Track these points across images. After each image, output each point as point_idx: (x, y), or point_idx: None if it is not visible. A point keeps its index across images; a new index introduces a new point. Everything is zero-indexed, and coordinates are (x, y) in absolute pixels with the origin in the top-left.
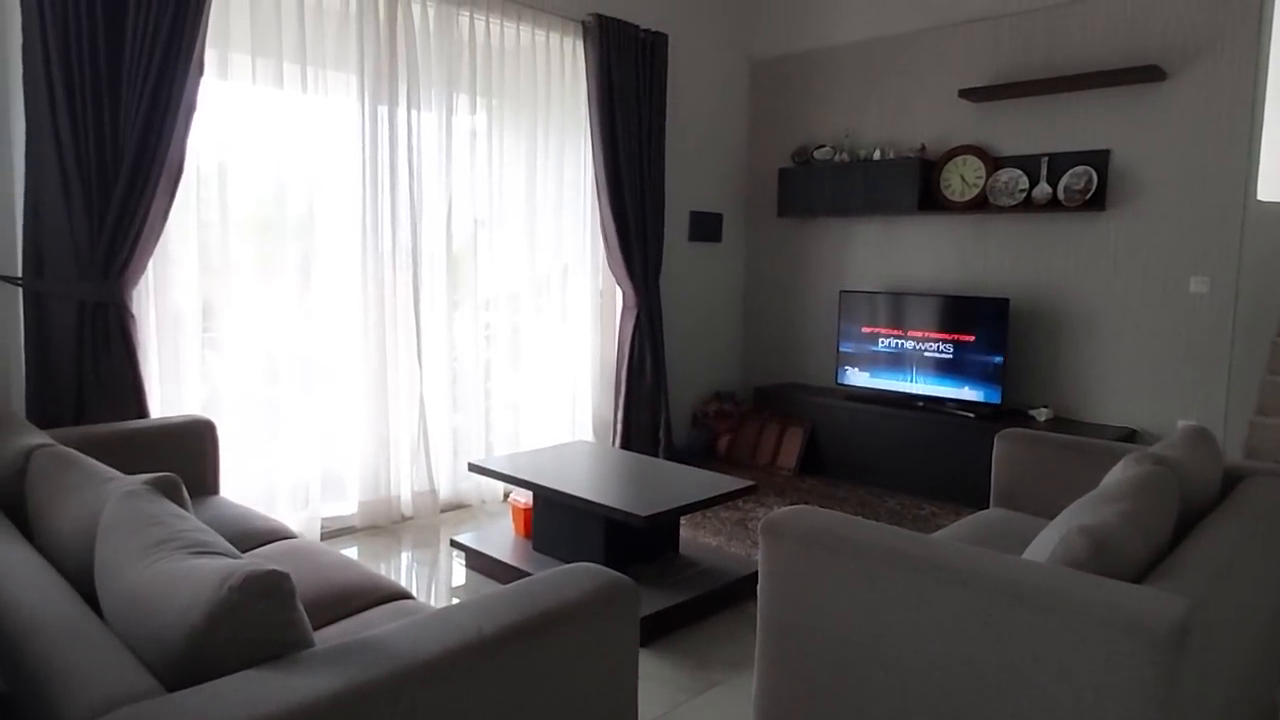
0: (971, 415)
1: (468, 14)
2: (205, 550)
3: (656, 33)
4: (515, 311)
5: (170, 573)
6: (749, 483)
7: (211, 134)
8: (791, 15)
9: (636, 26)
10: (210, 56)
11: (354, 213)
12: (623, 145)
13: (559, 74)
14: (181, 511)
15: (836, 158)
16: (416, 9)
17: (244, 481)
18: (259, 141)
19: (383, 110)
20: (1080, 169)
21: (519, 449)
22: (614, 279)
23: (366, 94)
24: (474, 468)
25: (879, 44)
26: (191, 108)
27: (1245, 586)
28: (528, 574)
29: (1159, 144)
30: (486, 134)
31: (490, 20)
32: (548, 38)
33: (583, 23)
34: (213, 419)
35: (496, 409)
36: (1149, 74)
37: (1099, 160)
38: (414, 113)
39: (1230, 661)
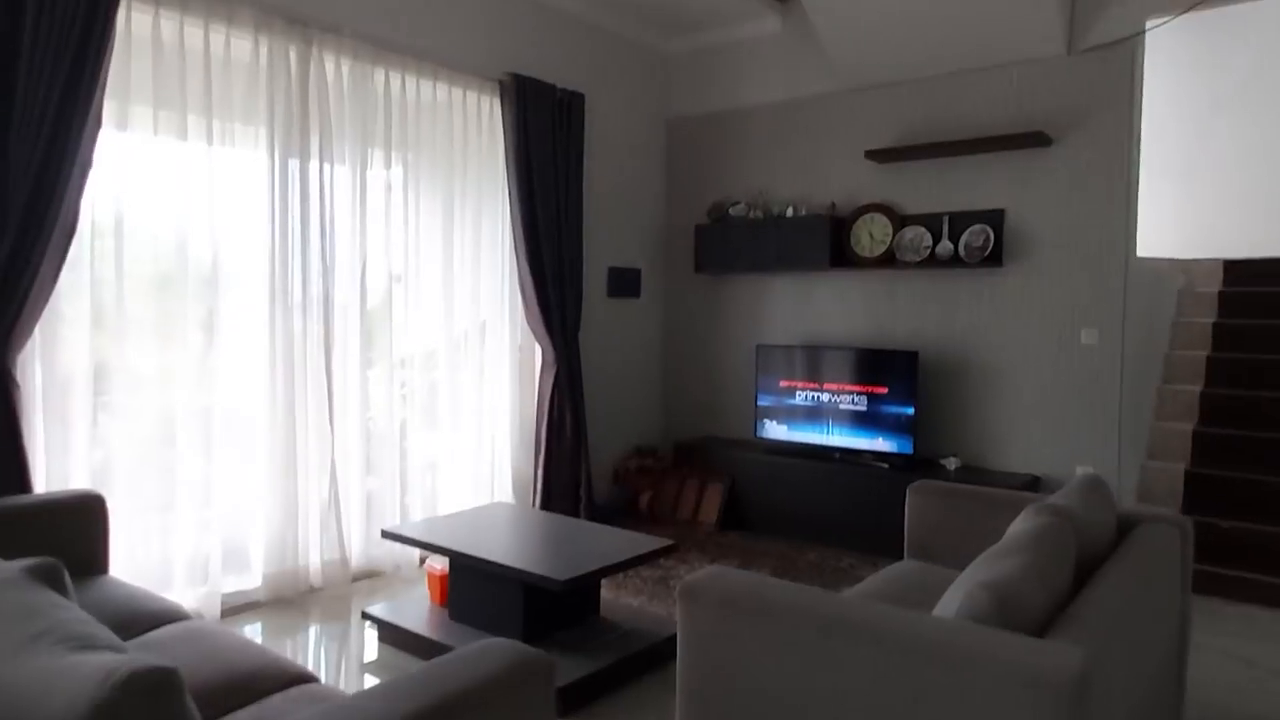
0: (886, 465)
1: (383, 71)
2: (87, 644)
3: (573, 92)
4: (432, 369)
5: (48, 670)
6: (669, 541)
7: (108, 187)
8: (705, 77)
9: (554, 86)
10: (109, 108)
11: (262, 268)
12: (540, 202)
13: (476, 131)
14: (62, 600)
15: (751, 214)
16: (330, 66)
17: (138, 557)
18: (160, 195)
19: (293, 164)
20: (978, 227)
21: (436, 512)
22: (533, 335)
23: (277, 147)
24: (387, 534)
25: (789, 106)
26: (87, 164)
27: (1140, 630)
28: (444, 646)
29: (1048, 204)
30: (402, 188)
31: (406, 77)
32: (464, 95)
33: (500, 82)
34: (104, 490)
35: (413, 470)
36: (1036, 139)
37: (995, 219)
38: (327, 166)
39: (1129, 704)
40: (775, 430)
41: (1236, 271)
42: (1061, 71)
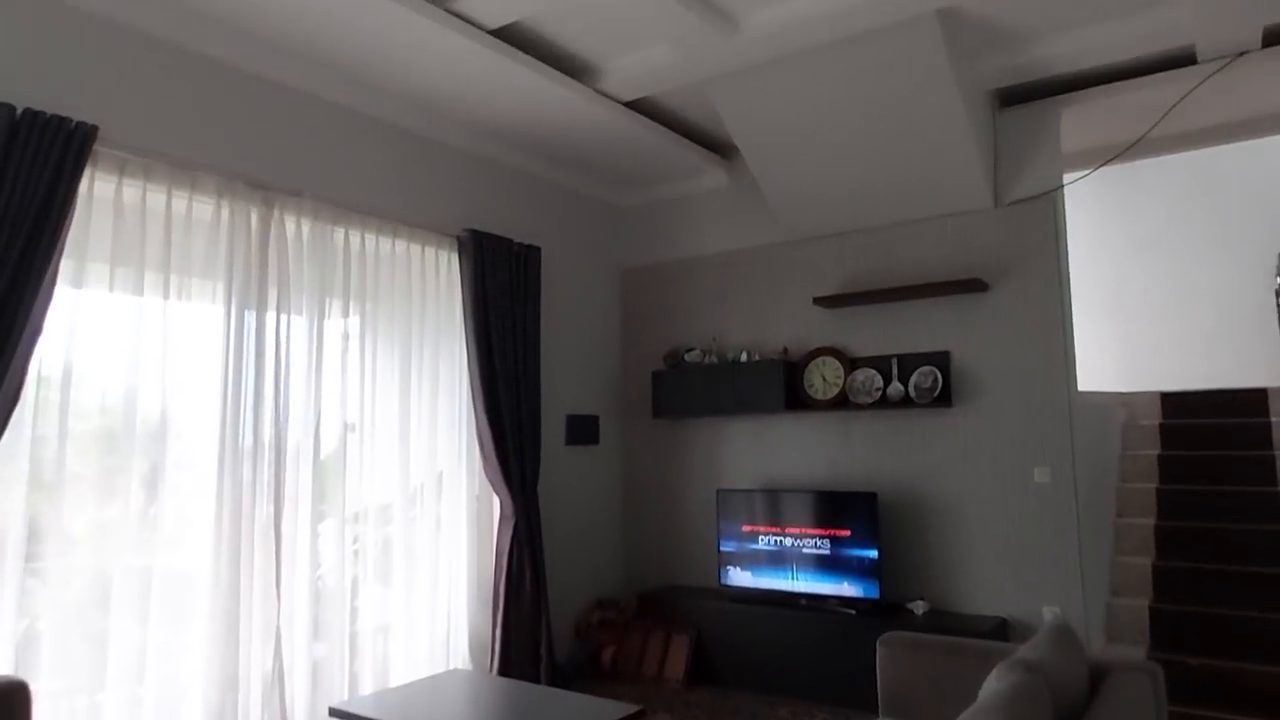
0: (853, 611)
1: (342, 230)
2: None
3: (530, 245)
4: (386, 523)
5: None
6: (636, 708)
7: (57, 342)
8: (658, 228)
9: (510, 240)
10: (65, 266)
11: (213, 420)
12: (498, 352)
13: (434, 283)
14: None
15: (706, 360)
16: (290, 225)
17: None
18: (110, 349)
19: (250, 315)
20: (926, 369)
21: (388, 680)
22: (491, 487)
23: (234, 299)
24: (335, 712)
25: (739, 255)
26: (37, 331)
27: None
28: None
29: (990, 346)
30: (359, 338)
31: (365, 235)
32: (423, 250)
33: (458, 237)
34: (29, 669)
35: (364, 634)
36: (974, 285)
37: (941, 360)
38: (284, 317)
39: None
40: (739, 577)
41: (1173, 404)
42: (992, 223)
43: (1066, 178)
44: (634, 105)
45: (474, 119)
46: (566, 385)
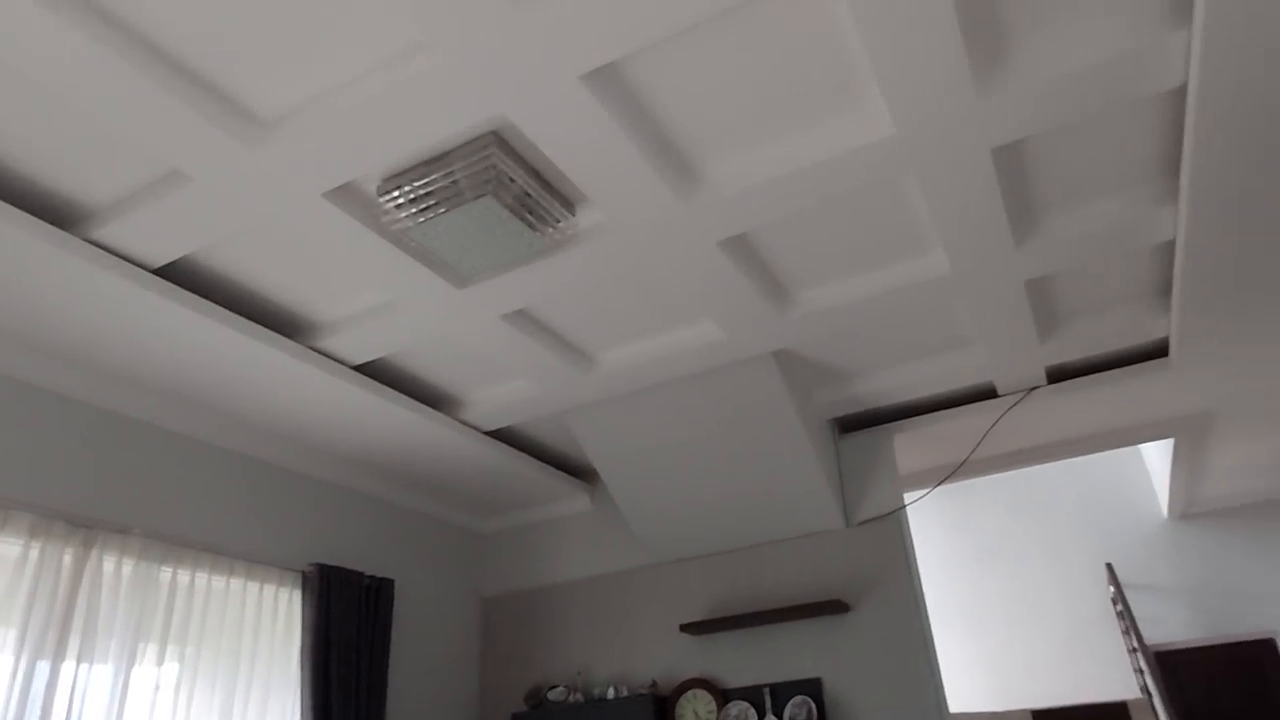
0: None
1: (170, 568)
2: None
3: (382, 579)
4: None
5: None
6: None
7: None
8: (520, 554)
9: (361, 574)
10: None
11: None
12: (337, 692)
13: (270, 621)
14: None
15: (571, 698)
16: (110, 565)
17: None
18: None
19: (42, 665)
20: (800, 699)
21: None
22: None
23: (26, 648)
24: None
25: (604, 581)
26: None
27: None
28: None
29: (858, 669)
30: (175, 687)
31: (197, 573)
32: (261, 588)
33: (302, 572)
34: None
35: None
36: (836, 606)
37: (814, 689)
38: (84, 666)
39: None
40: None
41: None
42: (845, 543)
43: (907, 497)
44: (496, 434)
45: (330, 447)
46: None
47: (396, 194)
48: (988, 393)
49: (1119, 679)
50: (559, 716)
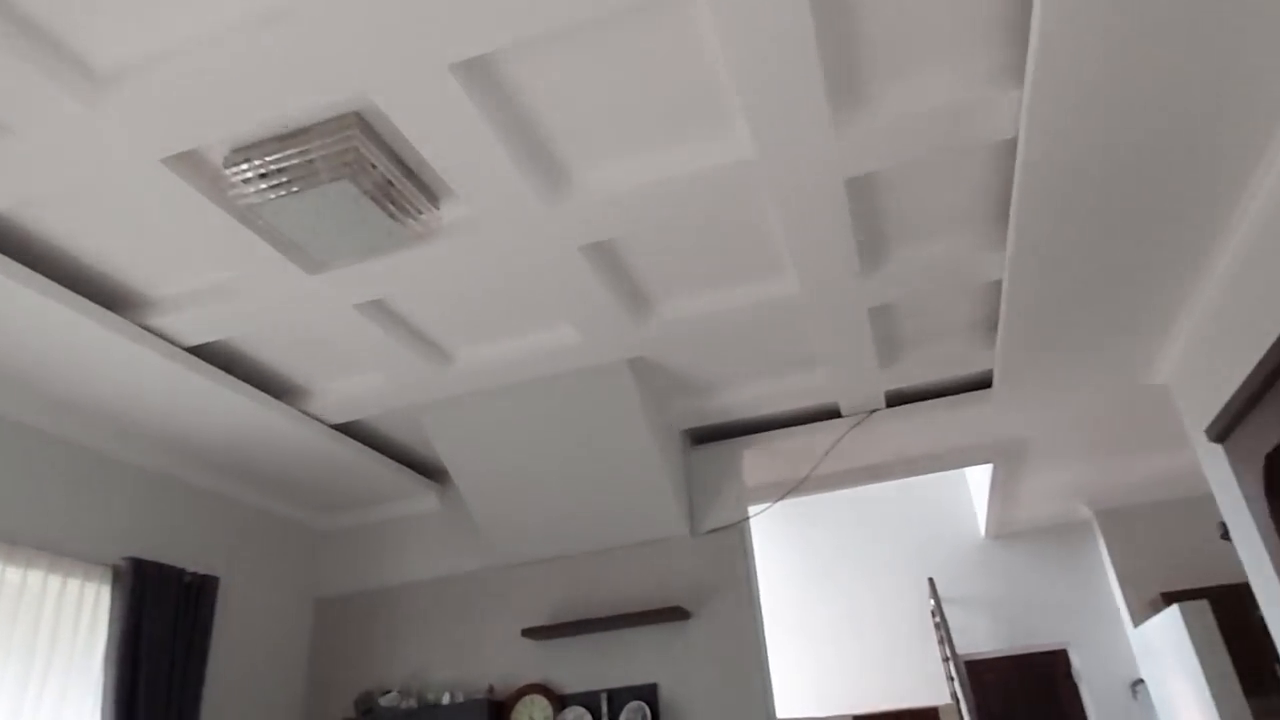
0: None
1: None
2: None
3: (205, 576)
4: None
5: None
6: None
7: None
8: (359, 554)
9: (181, 570)
10: None
11: None
12: (144, 701)
13: (72, 620)
14: None
15: (404, 704)
16: None
17: None
18: None
19: None
20: (635, 704)
21: None
22: None
23: None
24: None
25: (447, 583)
26: None
27: None
28: None
29: (694, 676)
30: None
31: None
32: (64, 582)
33: (114, 567)
34: None
35: None
36: (676, 613)
37: (649, 694)
38: None
39: None
40: None
41: None
42: (690, 551)
43: (751, 510)
44: (342, 427)
45: (156, 433)
46: None
47: (245, 167)
48: (832, 413)
49: (934, 686)
50: None
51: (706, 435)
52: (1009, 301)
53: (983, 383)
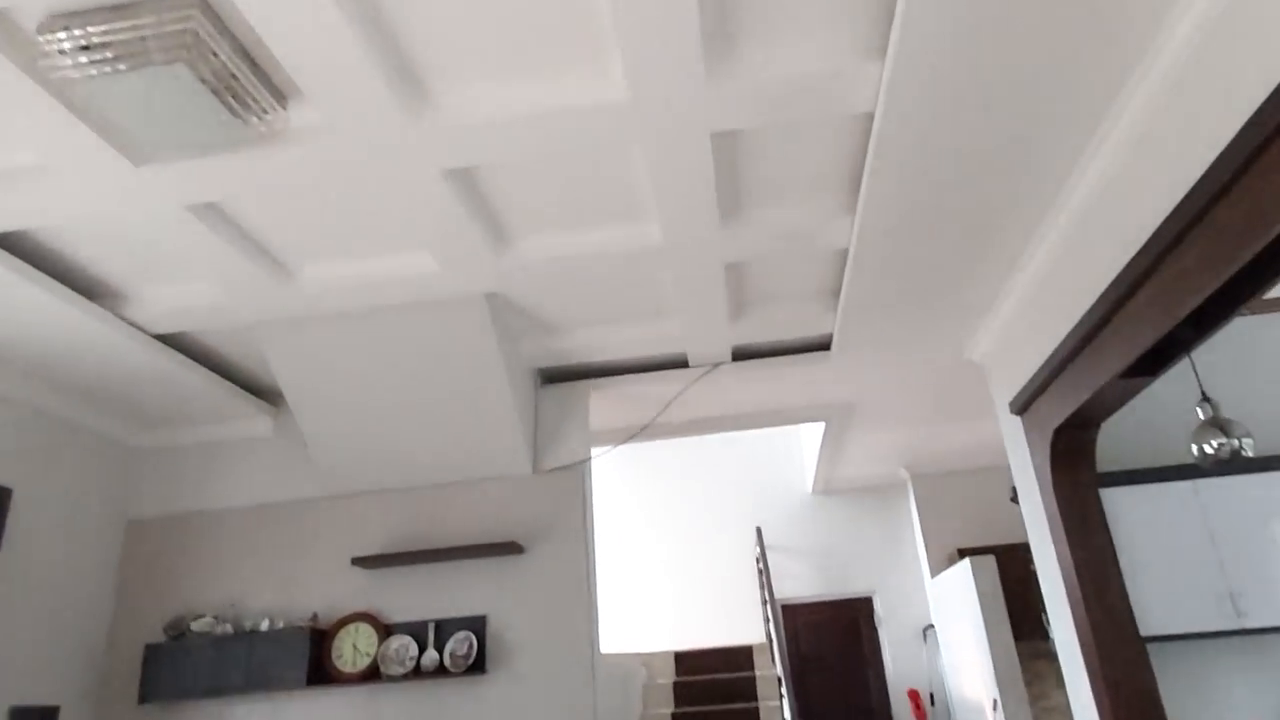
0: None
1: None
2: None
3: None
4: None
5: None
6: None
7: None
8: (181, 475)
9: None
10: None
11: None
12: None
13: None
14: None
15: (219, 629)
16: None
17: None
18: None
19: None
20: (462, 634)
21: None
22: None
23: None
24: None
25: (275, 509)
26: None
27: None
28: None
29: (524, 609)
30: None
31: None
32: None
33: None
34: None
35: None
36: (510, 548)
37: (478, 625)
38: None
39: None
40: None
41: (685, 664)
42: (530, 489)
43: (594, 451)
44: (166, 338)
45: None
46: (21, 665)
47: (63, 35)
48: (680, 362)
49: (754, 627)
50: (202, 649)
51: (556, 376)
52: (852, 269)
53: (822, 345)
